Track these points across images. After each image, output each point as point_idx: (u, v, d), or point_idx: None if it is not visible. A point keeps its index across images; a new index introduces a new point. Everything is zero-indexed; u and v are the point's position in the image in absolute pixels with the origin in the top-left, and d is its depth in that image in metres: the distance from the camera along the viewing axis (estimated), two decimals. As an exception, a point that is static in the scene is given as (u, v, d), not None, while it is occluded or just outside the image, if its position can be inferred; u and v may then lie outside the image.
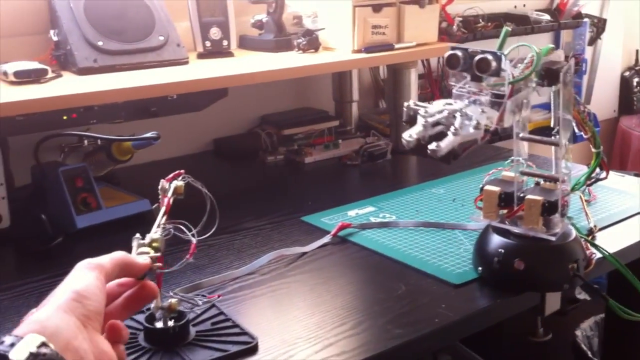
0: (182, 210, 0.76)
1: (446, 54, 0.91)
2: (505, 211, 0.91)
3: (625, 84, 2.66)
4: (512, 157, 0.93)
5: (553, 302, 0.93)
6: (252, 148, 1.58)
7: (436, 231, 1.09)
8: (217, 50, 1.42)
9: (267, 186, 1.43)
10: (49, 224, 1.08)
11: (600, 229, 1.06)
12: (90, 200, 1.15)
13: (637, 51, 2.71)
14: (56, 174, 1.13)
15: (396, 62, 1.53)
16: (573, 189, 0.97)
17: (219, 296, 0.87)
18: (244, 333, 0.79)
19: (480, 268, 0.92)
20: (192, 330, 0.80)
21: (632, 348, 1.27)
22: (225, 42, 1.42)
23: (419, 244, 1.04)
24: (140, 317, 0.79)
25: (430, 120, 0.86)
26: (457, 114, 0.85)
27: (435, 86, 1.97)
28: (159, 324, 0.77)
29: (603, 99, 2.61)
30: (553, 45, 0.90)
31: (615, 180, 1.31)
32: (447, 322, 0.83)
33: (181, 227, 0.75)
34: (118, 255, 0.65)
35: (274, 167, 1.53)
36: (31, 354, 0.50)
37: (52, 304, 0.57)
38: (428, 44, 1.53)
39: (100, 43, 1.25)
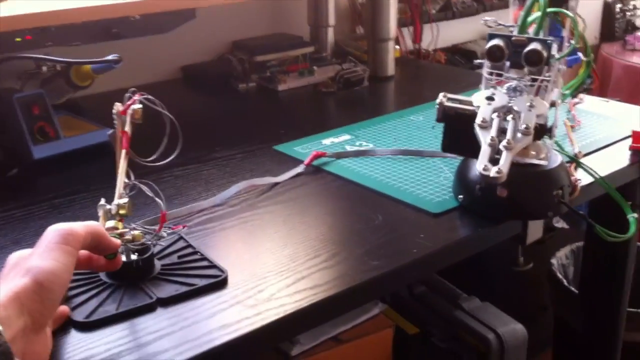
0: (143, 139, 0.70)
1: (487, 45, 0.84)
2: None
3: (607, 10, 2.59)
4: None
5: (535, 230, 0.89)
6: (222, 75, 1.50)
7: (415, 159, 1.04)
8: (183, -31, 1.32)
9: (238, 115, 1.36)
10: (3, 154, 1.02)
11: (585, 155, 1.03)
12: (48, 129, 1.07)
13: (621, -24, 2.63)
14: (10, 102, 1.05)
15: (374, -17, 1.45)
16: (563, 98, 0.93)
17: (184, 227, 0.82)
18: (213, 266, 0.75)
19: (461, 196, 0.88)
20: (158, 264, 0.75)
21: (610, 276, 1.26)
22: (192, -40, 1.33)
23: (397, 173, 0.99)
24: None
25: (492, 137, 0.76)
26: (509, 118, 0.78)
27: (415, 11, 1.89)
28: (122, 258, 0.71)
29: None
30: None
31: (599, 106, 1.27)
32: (426, 252, 0.79)
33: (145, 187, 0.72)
34: (94, 225, 0.63)
35: (246, 95, 1.46)
36: None
37: (12, 287, 0.53)
38: (407, -37, 1.45)
39: (56, -40, 1.16)
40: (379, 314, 1.27)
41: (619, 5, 2.60)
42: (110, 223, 0.69)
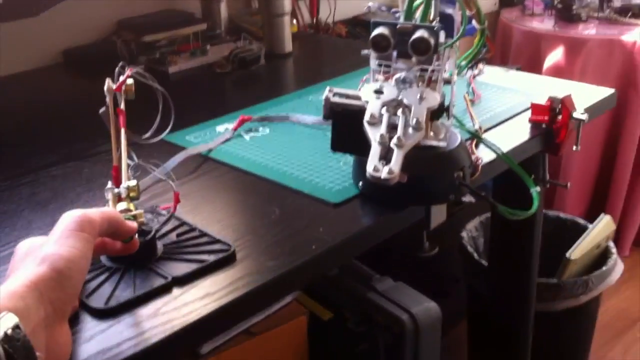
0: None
1: (371, 35, 0.77)
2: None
3: (506, -25, 2.60)
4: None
5: (439, 214, 0.86)
6: (107, 58, 1.39)
7: (314, 143, 0.99)
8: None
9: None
10: None
11: (486, 130, 1.00)
12: None
13: (516, -61, 2.64)
14: None
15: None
16: (459, 70, 0.89)
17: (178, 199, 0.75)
18: (217, 241, 0.73)
19: (360, 183, 0.83)
20: (159, 244, 0.72)
21: (517, 244, 1.26)
22: None
23: (296, 160, 0.94)
24: None
25: (382, 134, 0.70)
26: (400, 113, 0.72)
27: (312, -18, 1.82)
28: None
29: (484, -9, 2.55)
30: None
31: (499, 76, 1.25)
32: (325, 247, 0.74)
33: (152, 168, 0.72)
34: (110, 211, 0.62)
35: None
36: (6, 335, 0.44)
37: (28, 276, 0.50)
38: None
39: None
40: (291, 301, 1.22)
41: (516, -30, 2.61)
42: (122, 205, 0.67)
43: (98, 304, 0.63)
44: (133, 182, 0.68)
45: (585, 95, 1.12)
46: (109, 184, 0.69)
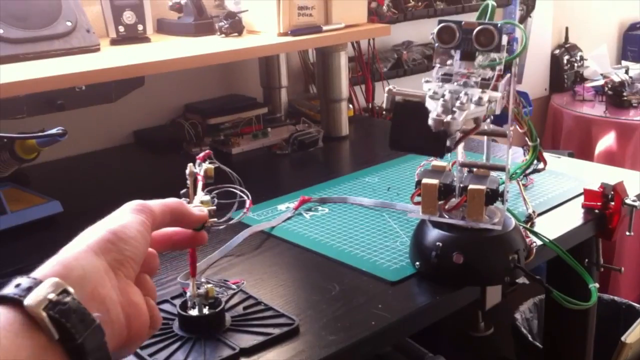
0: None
1: (437, 28, 0.79)
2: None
3: (555, 62, 2.66)
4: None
5: (494, 295, 0.88)
6: (175, 139, 1.48)
7: (371, 223, 1.03)
8: (131, 36, 1.32)
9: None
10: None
11: (539, 214, 1.03)
12: (-7, 204, 1.04)
13: (566, 29, 2.72)
14: (-47, 178, 1.02)
15: (325, 45, 1.46)
16: (511, 178, 0.92)
17: (242, 281, 0.83)
18: (281, 315, 0.77)
19: (417, 263, 0.87)
20: (227, 317, 0.76)
21: (572, 329, 1.25)
22: (140, 27, 1.33)
23: (354, 239, 0.98)
24: (170, 307, 0.78)
25: (445, 100, 0.71)
26: (462, 94, 0.73)
27: (366, 69, 1.91)
28: (194, 312, 0.74)
29: (534, 77, 2.61)
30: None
31: (551, 162, 1.28)
32: (384, 324, 0.77)
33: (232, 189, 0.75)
34: (172, 201, 0.59)
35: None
36: (50, 301, 0.43)
37: (81, 243, 0.49)
38: (357, 25, 1.47)
39: (1, 31, 1.14)
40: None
41: (566, 57, 2.67)
42: (196, 204, 0.66)
43: None
44: (206, 198, 0.68)
45: (637, 182, 1.14)
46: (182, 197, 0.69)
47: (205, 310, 0.74)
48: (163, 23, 1.44)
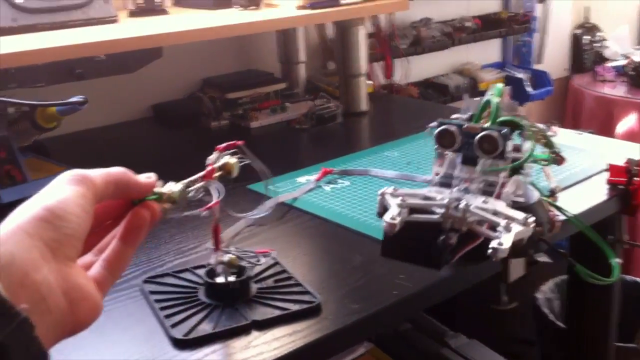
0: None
1: (436, 130, 0.77)
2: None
3: (575, 42, 2.63)
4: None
5: (517, 268, 0.87)
6: (194, 113, 1.48)
7: (392, 196, 1.02)
8: (149, 8, 1.31)
9: (210, 153, 1.33)
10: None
11: (562, 190, 1.01)
12: (14, 172, 1.04)
13: (587, 9, 2.68)
14: (-26, 146, 1.02)
15: (343, 19, 1.44)
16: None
17: (272, 251, 0.82)
18: (306, 292, 0.76)
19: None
20: (254, 287, 0.76)
21: (595, 306, 1.24)
22: (158, -1, 1.32)
23: (375, 211, 0.97)
24: (190, 276, 0.80)
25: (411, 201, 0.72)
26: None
27: (385, 45, 1.89)
28: (220, 279, 0.75)
29: (554, 57, 2.58)
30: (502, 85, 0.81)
31: (573, 139, 1.26)
32: (406, 294, 0.76)
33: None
34: (115, 170, 0.51)
35: (219, 133, 1.43)
36: None
37: (10, 223, 0.43)
38: (376, -1, 1.45)
39: (20, 1, 1.14)
40: (364, 353, 1.24)
41: (586, 37, 2.64)
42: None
43: (178, 334, 0.68)
44: (176, 188, 0.57)
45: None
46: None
47: (232, 279, 0.74)
48: (181, -4, 1.44)
